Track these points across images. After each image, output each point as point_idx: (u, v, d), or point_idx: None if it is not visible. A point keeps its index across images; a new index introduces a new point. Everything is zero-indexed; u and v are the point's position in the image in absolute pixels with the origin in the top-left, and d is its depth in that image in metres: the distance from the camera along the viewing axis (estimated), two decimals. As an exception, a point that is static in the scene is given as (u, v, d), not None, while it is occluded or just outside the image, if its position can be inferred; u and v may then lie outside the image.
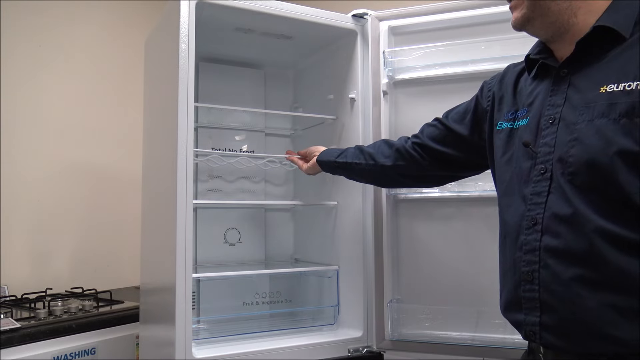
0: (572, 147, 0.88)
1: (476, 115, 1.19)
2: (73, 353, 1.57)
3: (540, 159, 0.93)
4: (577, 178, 0.87)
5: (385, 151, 1.35)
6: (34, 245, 2.08)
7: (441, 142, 1.26)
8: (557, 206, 0.89)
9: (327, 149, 1.52)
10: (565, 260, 0.87)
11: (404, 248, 1.54)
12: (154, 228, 1.57)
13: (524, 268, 0.93)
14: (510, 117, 1.05)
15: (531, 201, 0.93)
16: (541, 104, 0.97)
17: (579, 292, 0.85)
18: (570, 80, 0.94)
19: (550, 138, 0.93)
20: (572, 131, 0.89)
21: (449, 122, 1.25)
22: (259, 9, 1.43)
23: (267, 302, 1.77)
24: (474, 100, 1.21)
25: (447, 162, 1.27)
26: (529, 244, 0.92)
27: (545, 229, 0.90)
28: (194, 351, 1.30)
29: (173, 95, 1.33)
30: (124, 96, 2.32)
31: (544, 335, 0.91)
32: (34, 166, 2.09)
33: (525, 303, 0.93)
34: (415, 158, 1.29)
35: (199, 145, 1.74)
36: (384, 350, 1.51)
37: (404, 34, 1.57)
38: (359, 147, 1.42)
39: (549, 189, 0.91)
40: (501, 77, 1.14)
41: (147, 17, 2.36)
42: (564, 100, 0.93)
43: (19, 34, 2.08)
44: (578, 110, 0.89)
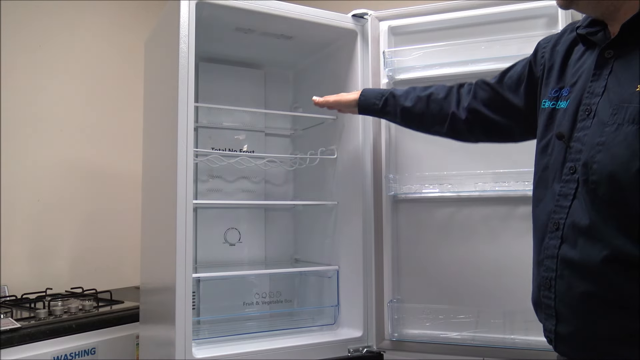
0: (598, 152, 0.81)
1: (531, 84, 1.08)
2: (73, 353, 1.57)
3: (572, 156, 0.87)
4: (599, 188, 0.81)
5: (436, 115, 1.24)
6: (34, 245, 2.08)
7: (494, 109, 1.15)
8: (578, 214, 0.84)
9: (364, 95, 1.38)
10: (579, 273, 0.84)
11: (404, 248, 1.54)
12: (154, 228, 1.57)
13: (543, 273, 0.91)
14: (554, 96, 0.96)
15: (557, 202, 0.89)
16: (582, 88, 0.89)
17: (589, 308, 0.83)
18: (613, 66, 0.85)
19: (582, 133, 0.86)
20: (601, 133, 0.82)
21: (503, 91, 1.14)
22: (259, 9, 1.43)
23: (267, 302, 1.77)
24: (528, 67, 1.10)
25: (501, 132, 1.18)
26: (549, 249, 0.90)
27: (565, 236, 0.86)
28: (194, 351, 1.30)
29: (173, 95, 1.33)
30: (124, 96, 2.32)
31: (558, 345, 0.90)
32: (34, 166, 2.09)
33: (544, 308, 0.92)
34: (467, 129, 1.21)
35: (199, 145, 1.74)
36: (384, 350, 1.51)
37: (404, 34, 1.57)
38: (402, 105, 1.30)
39: (575, 193, 0.85)
40: (555, 42, 1.03)
41: (147, 17, 2.35)
42: (603, 90, 0.85)
43: (19, 34, 2.08)
44: (613, 107, 0.81)
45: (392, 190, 1.54)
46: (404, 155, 1.55)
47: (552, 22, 1.38)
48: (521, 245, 1.23)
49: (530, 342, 1.33)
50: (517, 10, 1.43)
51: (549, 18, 1.39)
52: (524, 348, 1.34)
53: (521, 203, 1.39)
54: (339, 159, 1.68)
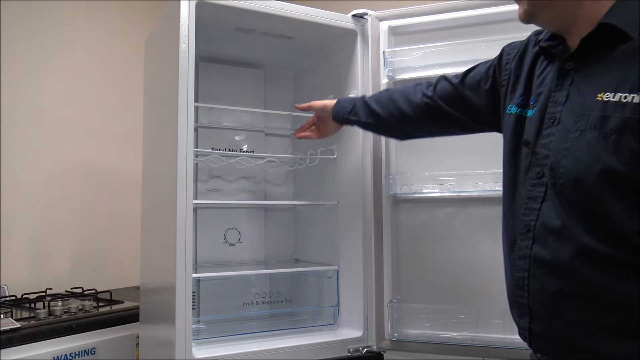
0: (564, 157, 0.85)
1: (493, 88, 1.13)
2: (73, 353, 1.57)
3: (539, 162, 0.91)
4: (566, 191, 0.85)
5: (394, 112, 1.31)
6: (34, 245, 2.08)
7: (453, 105, 1.20)
8: (548, 216, 0.88)
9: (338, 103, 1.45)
10: (551, 272, 0.87)
11: (404, 248, 1.54)
12: (154, 228, 1.57)
13: (516, 273, 0.94)
14: (521, 103, 1.00)
15: (527, 205, 0.92)
16: (547, 97, 0.93)
17: (561, 305, 0.85)
18: (574, 77, 0.89)
19: (548, 140, 0.90)
20: (566, 139, 0.86)
21: (463, 89, 1.19)
22: (259, 9, 1.43)
23: (267, 302, 1.77)
24: (492, 71, 1.14)
25: (459, 124, 1.23)
26: (521, 250, 0.92)
27: (536, 237, 0.89)
28: (194, 351, 1.30)
29: (173, 95, 1.33)
30: (124, 96, 2.32)
31: (532, 341, 0.93)
32: (34, 166, 2.09)
33: (518, 307, 0.95)
34: (425, 119, 1.26)
35: (199, 145, 1.74)
36: (384, 350, 1.51)
37: (404, 34, 1.57)
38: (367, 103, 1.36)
39: (544, 196, 0.89)
40: (521, 52, 1.07)
41: (147, 17, 2.35)
42: (566, 99, 0.89)
43: (19, 34, 2.08)
44: (575, 115, 0.86)
45: (392, 190, 1.54)
46: (404, 155, 1.55)
47: (552, 22, 1.37)
48: (521, 245, 1.23)
49: (530, 342, 1.33)
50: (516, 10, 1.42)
51: (549, 18, 1.39)
52: (524, 348, 1.33)
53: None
54: (339, 159, 1.68)
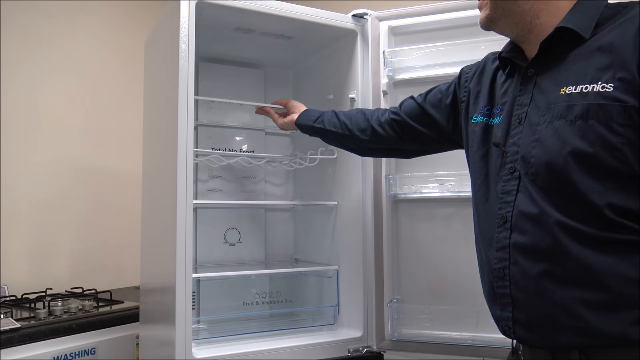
0: (533, 148, 0.91)
1: (453, 104, 1.21)
2: (73, 353, 1.57)
3: (509, 158, 0.96)
4: (538, 178, 0.90)
5: (362, 124, 1.36)
6: (34, 245, 2.08)
7: (418, 121, 1.28)
8: (524, 204, 0.91)
9: (306, 111, 1.53)
10: (532, 256, 0.89)
11: (404, 248, 1.54)
12: (154, 228, 1.57)
13: (495, 265, 0.96)
14: (486, 112, 1.07)
15: (502, 200, 0.96)
16: (512, 103, 1.00)
17: (545, 286, 0.88)
18: (536, 81, 0.96)
19: (517, 138, 0.95)
20: (534, 132, 0.92)
21: (426, 105, 1.27)
22: (259, 9, 1.43)
23: (267, 302, 1.77)
24: (452, 88, 1.22)
25: (422, 140, 1.30)
26: (500, 242, 0.95)
27: (514, 226, 0.92)
28: (194, 351, 1.30)
29: (173, 95, 1.33)
30: (124, 96, 2.32)
31: (517, 330, 0.93)
32: (34, 166, 2.09)
33: (499, 299, 0.96)
34: (389, 135, 1.32)
35: (199, 145, 1.74)
36: (384, 350, 1.51)
37: (404, 34, 1.57)
38: (335, 113, 1.44)
39: (518, 188, 0.93)
40: (480, 71, 1.15)
41: (147, 17, 2.36)
42: (530, 100, 0.95)
43: (19, 34, 2.08)
44: (541, 111, 0.92)
45: (392, 190, 1.54)
46: (404, 155, 1.55)
47: (552, 22, 1.37)
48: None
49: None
50: (517, 10, 1.42)
51: (549, 18, 1.39)
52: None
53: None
54: (339, 158, 1.68)
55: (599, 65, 0.87)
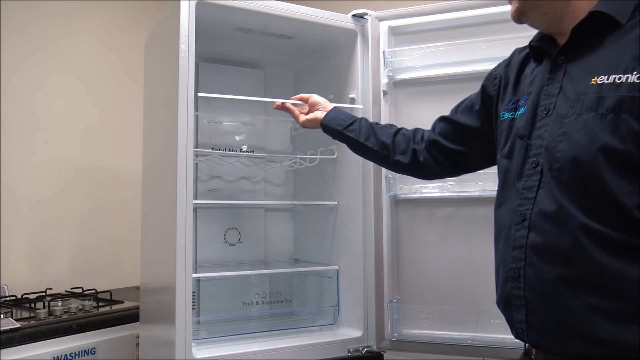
0: (560, 142, 0.86)
1: (485, 104, 1.15)
2: (73, 353, 1.57)
3: (533, 152, 0.91)
4: (562, 174, 0.85)
5: (402, 146, 1.27)
6: (34, 245, 2.08)
7: (453, 139, 1.21)
8: (544, 202, 0.87)
9: (334, 111, 1.40)
10: (550, 258, 0.85)
11: (404, 248, 1.54)
12: (154, 228, 1.57)
13: (511, 265, 0.91)
14: (512, 107, 1.02)
15: (522, 196, 0.91)
16: (538, 93, 0.95)
17: (562, 291, 0.83)
18: (566, 69, 0.91)
19: (543, 130, 0.90)
20: (561, 124, 0.87)
21: (458, 117, 1.20)
22: (259, 9, 1.43)
23: (267, 302, 1.77)
24: (481, 89, 1.17)
25: (461, 162, 1.23)
26: (517, 240, 0.91)
27: (532, 225, 0.88)
28: (194, 351, 1.30)
29: (173, 95, 1.33)
30: (124, 96, 2.32)
31: (530, 334, 0.90)
32: (34, 166, 2.09)
33: (513, 300, 0.92)
34: (428, 161, 1.25)
35: (199, 145, 1.74)
36: (384, 350, 1.51)
37: (404, 34, 1.57)
38: (372, 127, 1.32)
39: (539, 184, 0.89)
40: (507, 63, 1.11)
41: (147, 17, 2.36)
42: (559, 90, 0.90)
43: (19, 34, 2.08)
44: (570, 102, 0.87)
45: (392, 190, 1.54)
46: (404, 155, 1.55)
47: (552, 22, 1.37)
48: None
49: (530, 342, 1.33)
50: (517, 10, 1.42)
51: (549, 18, 1.39)
52: (523, 348, 1.34)
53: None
54: (339, 159, 1.68)
55: (635, 53, 0.81)
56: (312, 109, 1.45)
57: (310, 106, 1.46)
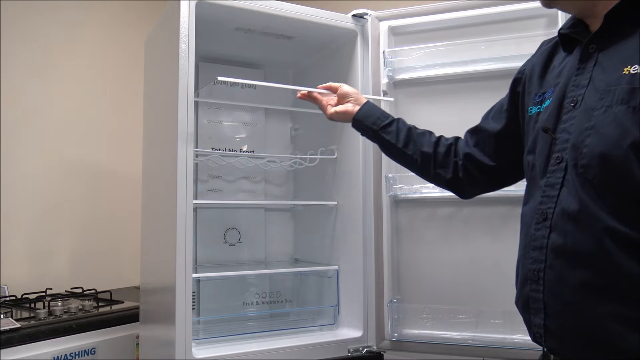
0: (587, 137, 0.80)
1: (513, 102, 1.07)
2: (73, 353, 1.57)
3: (558, 147, 0.85)
4: (589, 171, 0.79)
5: (443, 158, 1.17)
6: (34, 245, 2.08)
7: (487, 150, 1.12)
8: (567, 201, 0.82)
9: (369, 107, 1.28)
10: (572, 261, 0.80)
11: (404, 248, 1.54)
12: (154, 228, 1.57)
13: (530, 266, 0.87)
14: (538, 100, 0.95)
15: (544, 193, 0.86)
16: (565, 84, 0.89)
17: (583, 297, 0.79)
18: (597, 58, 0.85)
19: (569, 124, 0.84)
20: (590, 118, 0.81)
21: (489, 124, 1.12)
22: (259, 9, 1.43)
23: (267, 302, 1.77)
24: (510, 86, 1.09)
25: (497, 175, 1.14)
26: (537, 240, 0.86)
27: (554, 225, 0.83)
28: (194, 351, 1.30)
29: (173, 95, 1.33)
30: (124, 96, 2.32)
31: (548, 340, 0.86)
32: (34, 166, 2.09)
33: (532, 303, 0.87)
34: (466, 177, 1.16)
35: (199, 145, 1.74)
36: (384, 350, 1.51)
37: (404, 34, 1.57)
38: (411, 132, 1.21)
39: (563, 182, 0.83)
40: (531, 59, 1.05)
41: (147, 17, 2.35)
42: (589, 81, 0.84)
43: (19, 34, 2.08)
44: (599, 93, 0.81)
45: (392, 190, 1.54)
46: (404, 155, 1.55)
47: (552, 22, 1.38)
48: (521, 245, 1.23)
49: (530, 342, 1.33)
50: (517, 10, 1.43)
51: (549, 18, 1.39)
52: (523, 348, 1.34)
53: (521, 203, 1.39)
54: (339, 159, 1.68)
55: None
56: (342, 100, 1.32)
57: (339, 97, 1.33)
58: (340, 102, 1.32)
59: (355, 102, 1.30)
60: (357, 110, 1.28)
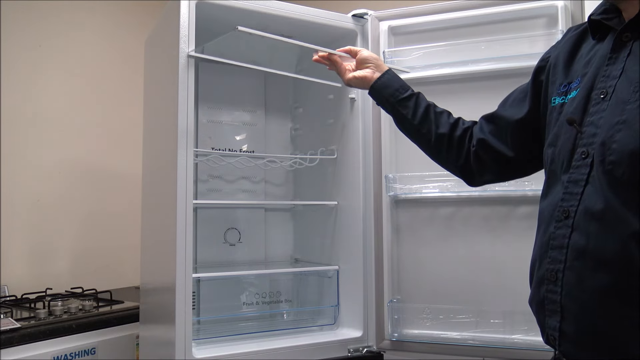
0: (618, 131, 0.75)
1: (535, 92, 1.01)
2: (73, 353, 1.57)
3: (584, 141, 0.80)
4: (617, 169, 0.74)
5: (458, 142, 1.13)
6: (34, 245, 2.08)
7: (504, 139, 1.06)
8: (591, 200, 0.77)
9: (390, 76, 1.21)
10: (593, 264, 0.76)
11: (404, 248, 1.54)
12: (154, 228, 1.57)
13: (548, 265, 0.82)
14: (563, 91, 0.90)
15: (567, 189, 0.81)
16: (595, 74, 0.83)
17: (604, 302, 0.75)
18: (632, 48, 0.79)
19: (597, 117, 0.79)
20: (622, 111, 0.75)
21: (506, 112, 1.06)
22: (259, 9, 1.43)
23: (267, 302, 1.77)
24: (533, 74, 1.03)
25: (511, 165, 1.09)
26: (557, 239, 0.81)
27: (576, 224, 0.78)
28: (194, 351, 1.30)
29: (173, 95, 1.33)
30: (124, 96, 2.31)
31: (562, 343, 0.81)
32: (34, 166, 2.09)
33: (547, 304, 0.83)
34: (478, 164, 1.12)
35: (199, 145, 1.74)
36: (384, 350, 1.51)
37: (404, 34, 1.58)
38: (429, 110, 1.16)
39: (587, 178, 0.78)
40: (556, 45, 0.99)
41: (147, 16, 2.35)
42: (621, 72, 0.78)
43: (19, 34, 2.08)
44: (633, 85, 0.75)
45: (392, 190, 1.54)
46: (404, 155, 1.55)
47: (552, 22, 1.38)
48: (521, 245, 1.23)
49: (530, 342, 1.33)
50: (517, 10, 1.43)
51: (549, 18, 1.39)
52: (523, 348, 1.35)
53: (521, 203, 1.39)
54: (339, 159, 1.68)
55: None
56: (361, 66, 1.25)
57: (358, 62, 1.26)
58: (358, 67, 1.26)
59: (376, 68, 1.23)
60: (377, 78, 1.21)
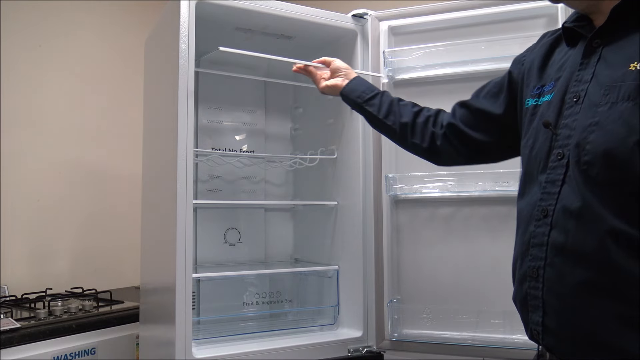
0: (591, 133, 0.79)
1: (510, 91, 1.07)
2: (73, 353, 1.57)
3: (559, 143, 0.84)
4: (592, 169, 0.78)
5: (421, 128, 1.20)
6: (34, 245, 2.08)
7: (474, 126, 1.12)
8: (569, 198, 0.81)
9: (356, 81, 1.33)
10: (572, 260, 0.79)
11: (404, 248, 1.54)
12: (154, 228, 1.57)
13: (529, 263, 0.86)
14: (536, 93, 0.95)
15: (545, 189, 0.85)
16: (568, 79, 0.87)
17: (583, 297, 0.78)
18: (601, 53, 0.84)
19: (571, 119, 0.83)
20: (594, 114, 0.79)
21: (480, 103, 1.12)
22: (259, 9, 1.43)
23: (267, 302, 1.77)
24: (507, 74, 1.09)
25: (480, 151, 1.15)
26: (537, 237, 0.85)
27: (555, 222, 0.82)
28: (194, 351, 1.30)
29: (173, 95, 1.33)
30: (124, 96, 2.31)
31: (545, 338, 0.85)
32: (34, 166, 2.09)
33: (530, 300, 0.87)
34: (446, 148, 1.17)
35: (199, 145, 1.74)
36: (384, 350, 1.51)
37: (404, 34, 1.58)
38: (393, 104, 1.25)
39: (564, 178, 0.82)
40: (532, 49, 1.04)
41: (147, 17, 2.35)
42: (592, 77, 0.83)
43: (19, 34, 2.08)
44: (603, 89, 0.79)
45: (392, 190, 1.54)
46: (403, 155, 1.54)
47: (552, 22, 1.38)
48: (521, 245, 1.23)
49: (530, 342, 1.33)
50: (517, 10, 1.43)
51: (549, 18, 1.39)
52: (523, 348, 1.34)
53: (521, 203, 1.39)
54: (339, 159, 1.68)
55: None
56: (334, 75, 1.37)
57: (331, 72, 1.38)
58: (332, 76, 1.37)
59: (345, 76, 1.35)
60: (345, 85, 1.33)
